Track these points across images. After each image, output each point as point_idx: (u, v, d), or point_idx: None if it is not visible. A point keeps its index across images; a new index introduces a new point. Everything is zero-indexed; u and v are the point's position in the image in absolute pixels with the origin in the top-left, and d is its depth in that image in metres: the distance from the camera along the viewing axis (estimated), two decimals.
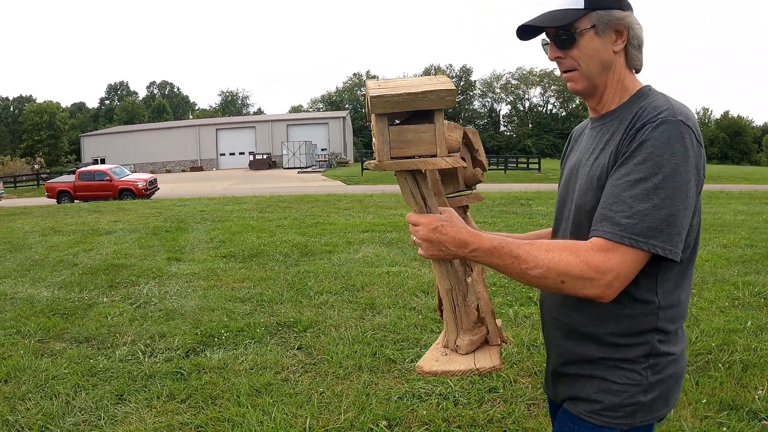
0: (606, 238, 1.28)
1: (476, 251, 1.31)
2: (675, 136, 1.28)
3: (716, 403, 3.57)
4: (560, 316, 1.51)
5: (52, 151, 68.78)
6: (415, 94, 1.23)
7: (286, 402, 3.69)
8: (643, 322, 1.39)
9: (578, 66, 1.43)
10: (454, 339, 1.50)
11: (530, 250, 1.29)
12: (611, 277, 1.26)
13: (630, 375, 1.40)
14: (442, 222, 1.32)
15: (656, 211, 1.25)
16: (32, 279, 7.30)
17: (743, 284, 6.41)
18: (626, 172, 1.30)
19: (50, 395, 3.80)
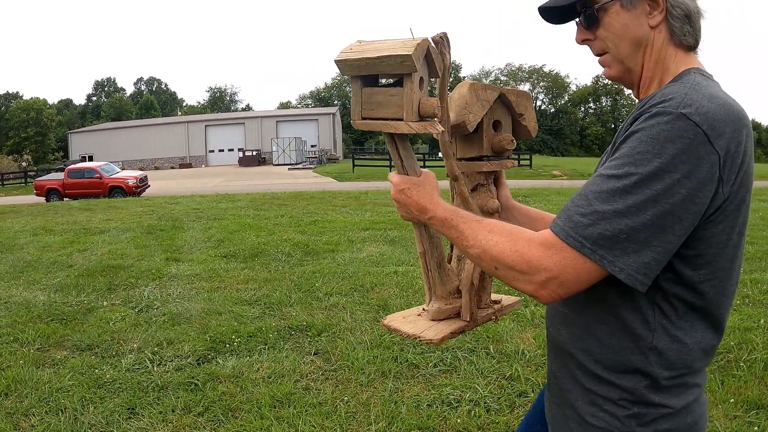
0: (554, 232, 1.09)
1: (432, 219, 1.27)
2: (668, 132, 1.03)
3: (743, 402, 3.55)
4: (551, 327, 1.36)
5: (39, 149, 67.79)
6: (375, 59, 1.22)
7: (310, 413, 3.47)
8: (628, 359, 1.16)
9: (608, 48, 1.25)
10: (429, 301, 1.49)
11: (475, 228, 1.19)
12: (544, 277, 1.08)
13: (609, 419, 1.19)
14: (409, 185, 1.29)
15: (616, 217, 1.03)
16: (26, 281, 7.01)
17: (751, 282, 6.42)
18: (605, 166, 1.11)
19: (56, 410, 3.53)
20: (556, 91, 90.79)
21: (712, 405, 3.52)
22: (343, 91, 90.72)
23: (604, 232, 1.03)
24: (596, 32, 1.25)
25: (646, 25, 1.20)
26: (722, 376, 3.94)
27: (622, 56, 1.23)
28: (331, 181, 29.67)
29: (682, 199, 1.02)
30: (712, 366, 4.09)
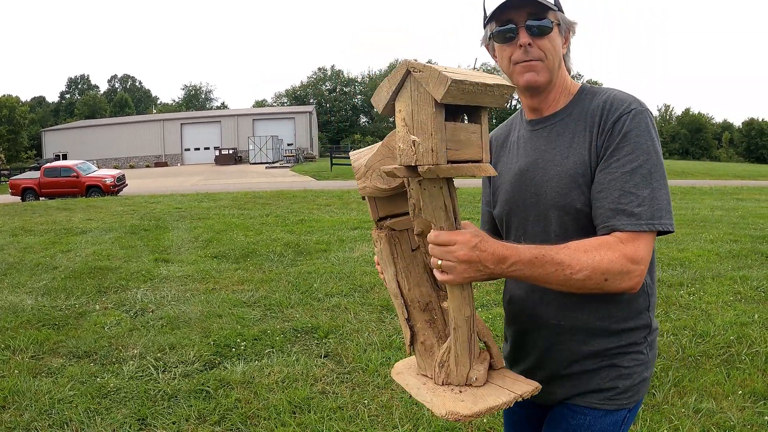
0: (628, 230, 1.29)
1: (516, 264, 1.20)
2: (649, 124, 1.34)
3: (750, 394, 3.65)
4: (561, 320, 1.47)
5: (12, 147, 65.99)
6: (487, 86, 1.08)
7: (332, 417, 3.33)
8: (641, 303, 1.45)
9: (544, 57, 1.41)
10: (466, 372, 1.28)
11: (570, 254, 1.24)
12: (643, 266, 1.28)
13: (636, 356, 1.46)
14: (480, 238, 1.17)
15: (657, 192, 1.30)
16: (10, 285, 6.71)
17: (740, 279, 6.59)
18: (620, 164, 1.32)
19: (60, 423, 3.31)
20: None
21: (722, 397, 3.62)
22: (318, 90, 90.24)
23: (659, 206, 1.30)
24: (540, 42, 1.39)
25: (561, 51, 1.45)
26: (727, 369, 4.04)
27: (553, 68, 1.42)
28: (310, 180, 29.41)
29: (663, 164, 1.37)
30: (716, 360, 4.20)
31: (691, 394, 3.64)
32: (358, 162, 1.35)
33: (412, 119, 1.10)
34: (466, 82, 1.04)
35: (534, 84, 1.42)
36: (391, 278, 1.38)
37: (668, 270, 7.02)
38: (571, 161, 1.40)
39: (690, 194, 18.06)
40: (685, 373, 3.95)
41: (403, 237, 1.37)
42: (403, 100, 1.12)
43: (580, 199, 1.39)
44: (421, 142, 1.09)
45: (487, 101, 1.11)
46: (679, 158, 78.53)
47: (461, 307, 1.24)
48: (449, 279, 1.19)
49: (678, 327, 4.86)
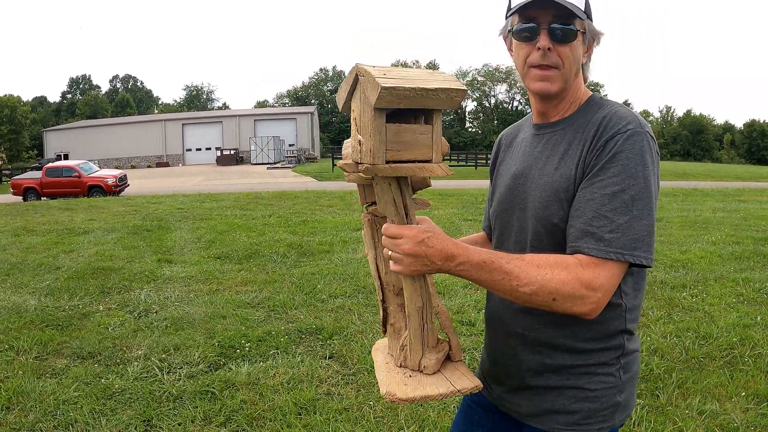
0: (592, 255, 1.23)
1: (463, 265, 1.21)
2: (645, 147, 1.26)
3: (753, 396, 3.66)
4: (528, 331, 1.44)
5: (13, 147, 65.97)
6: (428, 90, 1.10)
7: (338, 419, 3.34)
8: (613, 325, 1.38)
9: (561, 65, 1.35)
10: (419, 359, 1.35)
11: (521, 266, 1.21)
12: (601, 294, 1.22)
13: (605, 378, 1.39)
14: (428, 233, 1.21)
15: (636, 222, 1.23)
16: (13, 285, 6.72)
17: (743, 281, 6.59)
18: (602, 185, 1.26)
19: (65, 424, 3.32)
20: None
21: (725, 399, 3.64)
22: (320, 90, 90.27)
23: (634, 236, 1.22)
24: (561, 48, 1.33)
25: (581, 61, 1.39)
26: (730, 371, 4.05)
27: (568, 77, 1.37)
28: (312, 181, 29.43)
29: (656, 193, 1.30)
30: (720, 362, 4.21)
31: (695, 396, 3.65)
32: (346, 151, 1.37)
33: (360, 120, 1.17)
34: (399, 88, 1.07)
35: (546, 93, 1.39)
36: (372, 260, 1.44)
37: (671, 272, 7.02)
38: (559, 174, 1.36)
39: (692, 196, 18.07)
40: (688, 375, 3.95)
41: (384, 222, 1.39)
42: (356, 101, 1.19)
43: (558, 213, 1.34)
44: (364, 142, 1.15)
45: (433, 104, 1.13)
46: (680, 159, 78.54)
47: (413, 297, 1.30)
48: (398, 270, 1.24)
49: (681, 329, 4.86)
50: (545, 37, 1.33)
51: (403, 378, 1.33)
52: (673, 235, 9.91)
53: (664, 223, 11.50)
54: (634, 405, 1.49)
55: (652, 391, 3.73)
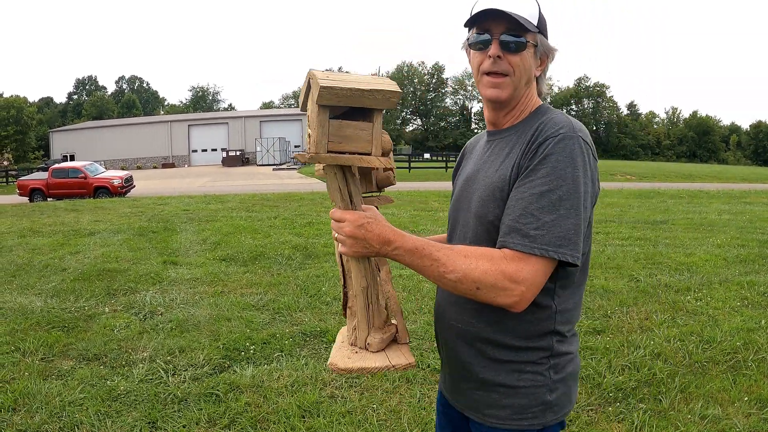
0: (517, 250, 1.31)
1: (398, 249, 1.33)
2: (575, 150, 1.34)
3: (756, 400, 3.65)
4: (460, 324, 1.53)
5: (20, 147, 66.16)
6: (363, 91, 1.26)
7: (342, 422, 3.36)
8: (542, 326, 1.44)
9: (512, 73, 1.45)
10: (365, 337, 1.49)
11: (449, 254, 1.31)
12: (524, 287, 1.29)
13: (534, 377, 1.45)
14: (368, 219, 1.34)
15: (562, 221, 1.30)
16: (19, 286, 6.76)
17: (748, 284, 6.58)
18: (531, 185, 1.33)
19: (70, 425, 3.34)
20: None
21: (728, 403, 3.63)
22: None
23: (558, 234, 1.30)
24: (511, 57, 1.44)
25: (534, 73, 1.51)
26: (733, 375, 4.05)
27: (519, 85, 1.47)
28: (317, 182, 29.43)
29: (588, 195, 1.37)
30: (723, 366, 4.21)
31: (698, 401, 3.65)
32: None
33: (310, 116, 1.33)
34: (336, 88, 1.23)
35: (496, 99, 1.48)
36: (336, 247, 1.56)
37: (675, 275, 7.01)
38: (497, 175, 1.45)
39: (697, 198, 18.03)
40: (691, 379, 3.95)
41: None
42: (309, 100, 1.35)
43: (494, 212, 1.43)
44: (311, 134, 1.32)
45: (371, 103, 1.28)
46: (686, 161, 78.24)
47: (358, 277, 1.45)
48: (344, 251, 1.38)
49: (685, 333, 4.86)
50: (496, 46, 1.44)
51: (349, 353, 1.48)
52: (678, 237, 9.90)
53: (669, 225, 11.49)
54: (572, 406, 1.52)
55: (655, 396, 3.73)
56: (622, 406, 3.59)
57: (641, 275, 6.97)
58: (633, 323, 5.15)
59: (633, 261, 7.83)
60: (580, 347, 4.49)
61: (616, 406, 3.59)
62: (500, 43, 1.43)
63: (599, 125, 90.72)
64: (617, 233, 10.30)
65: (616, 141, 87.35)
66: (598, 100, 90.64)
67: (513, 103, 1.51)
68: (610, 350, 4.44)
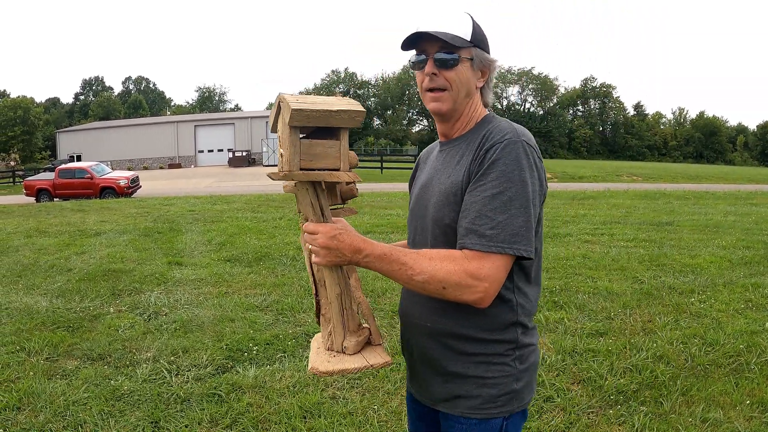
0: (476, 249, 1.41)
1: (368, 257, 1.42)
2: (521, 154, 1.45)
3: (758, 404, 3.64)
4: (428, 322, 1.61)
5: (27, 148, 66.41)
6: (331, 112, 1.35)
7: (343, 423, 3.38)
8: (505, 318, 1.54)
9: (449, 87, 1.55)
10: (341, 341, 1.57)
11: (416, 258, 1.41)
12: (487, 283, 1.40)
13: (502, 367, 1.56)
14: (339, 230, 1.43)
15: (514, 219, 1.41)
16: (25, 286, 6.81)
17: (752, 286, 6.55)
18: (483, 188, 1.44)
19: (74, 424, 3.38)
20: (544, 93, 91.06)
21: (730, 407, 3.63)
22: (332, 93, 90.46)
23: (512, 231, 1.41)
24: (446, 73, 1.54)
25: (475, 85, 1.60)
26: (736, 378, 4.03)
27: (458, 98, 1.57)
28: None
29: (537, 193, 1.48)
30: (725, 369, 4.21)
31: (699, 404, 3.64)
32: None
33: (281, 137, 1.43)
34: (306, 110, 1.33)
35: (438, 111, 1.60)
36: (306, 258, 1.65)
37: (680, 277, 7.00)
38: (450, 181, 1.55)
39: (703, 199, 17.95)
40: (693, 382, 3.95)
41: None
42: (280, 121, 1.45)
43: (449, 215, 1.53)
44: (284, 153, 1.41)
45: (337, 123, 1.38)
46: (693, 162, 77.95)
47: (332, 285, 1.53)
48: (318, 261, 1.46)
49: (688, 335, 4.85)
50: (431, 64, 1.55)
51: (328, 357, 1.56)
52: (683, 239, 9.87)
53: (674, 226, 11.46)
54: (533, 393, 1.64)
55: (656, 399, 3.73)
56: (623, 409, 3.59)
57: (645, 277, 6.96)
58: (636, 325, 5.15)
59: (637, 263, 7.81)
60: (582, 349, 4.52)
61: (616, 409, 3.59)
62: (435, 61, 1.55)
63: (606, 126, 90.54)
64: (622, 234, 10.28)
65: (623, 142, 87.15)
66: (605, 101, 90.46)
67: (456, 114, 1.62)
68: (612, 352, 4.45)
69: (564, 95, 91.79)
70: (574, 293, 6.18)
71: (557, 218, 12.60)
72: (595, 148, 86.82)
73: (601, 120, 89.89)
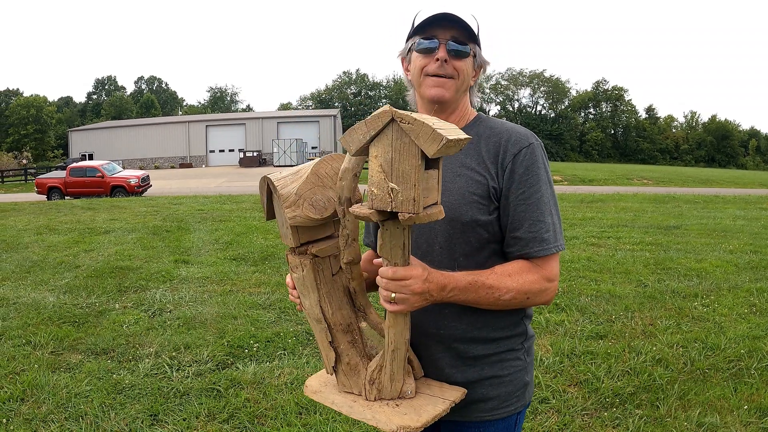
0: (543, 255, 1.48)
1: (453, 290, 1.38)
2: (544, 156, 1.54)
3: (756, 409, 3.62)
4: (442, 330, 1.56)
5: (39, 146, 67.25)
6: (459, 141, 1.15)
7: (337, 419, 3.42)
8: (517, 312, 1.58)
9: (457, 76, 1.55)
10: (400, 387, 1.40)
11: (499, 279, 1.43)
12: (556, 281, 1.51)
13: (514, 363, 1.59)
14: (428, 271, 1.33)
15: (555, 218, 1.52)
16: (33, 282, 6.92)
17: (757, 291, 6.51)
18: (525, 195, 1.49)
19: (75, 416, 3.45)
20: (556, 96, 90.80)
21: (727, 411, 3.62)
22: (344, 93, 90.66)
23: (559, 231, 1.52)
24: (456, 62, 1.54)
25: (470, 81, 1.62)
26: (734, 383, 4.02)
27: (461, 89, 1.58)
28: None
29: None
30: (725, 373, 4.20)
31: (696, 408, 3.64)
32: (287, 189, 1.37)
33: (391, 167, 1.15)
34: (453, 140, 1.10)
35: (440, 98, 1.54)
36: (314, 304, 1.43)
37: (684, 281, 6.97)
38: (464, 180, 1.52)
39: (713, 203, 17.82)
40: (691, 386, 3.95)
41: (324, 262, 1.42)
42: (381, 146, 1.16)
43: (468, 213, 1.50)
44: (400, 190, 1.14)
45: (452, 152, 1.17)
46: (704, 166, 77.41)
47: (403, 331, 1.34)
48: (401, 309, 1.30)
49: (688, 339, 4.84)
50: (443, 50, 1.53)
51: (394, 409, 1.36)
52: (690, 243, 9.82)
53: (682, 230, 11.39)
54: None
55: (653, 402, 3.73)
56: (618, 412, 3.60)
57: (649, 280, 6.95)
58: (636, 328, 5.15)
59: (642, 266, 7.79)
60: (581, 351, 4.53)
61: (612, 411, 3.60)
62: (448, 50, 1.53)
63: (617, 129, 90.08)
64: (629, 238, 10.25)
65: (634, 145, 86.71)
66: (617, 104, 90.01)
67: (453, 106, 1.60)
68: (611, 355, 4.46)
69: (575, 98, 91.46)
70: (576, 296, 6.19)
71: (565, 221, 12.58)
72: (606, 151, 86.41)
73: (613, 123, 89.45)
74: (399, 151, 1.14)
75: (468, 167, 1.53)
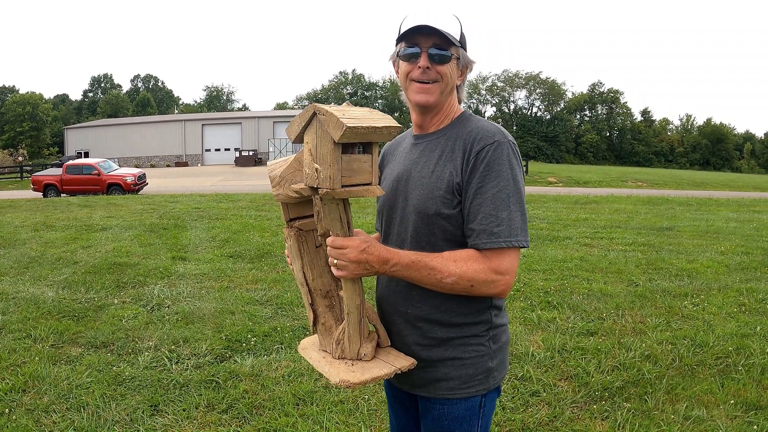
0: (490, 248, 1.54)
1: (396, 266, 1.51)
2: (510, 154, 1.58)
3: (742, 404, 3.73)
4: (408, 309, 1.69)
5: (34, 143, 67.04)
6: (376, 128, 1.37)
7: (333, 410, 3.51)
8: (482, 301, 1.65)
9: (440, 79, 1.65)
10: (357, 349, 1.59)
11: (442, 262, 1.52)
12: (509, 276, 1.54)
13: (477, 348, 1.66)
14: (368, 243, 1.48)
15: (514, 215, 1.54)
16: (32, 277, 6.97)
17: (747, 291, 6.62)
18: (483, 190, 1.55)
19: (77, 406, 3.53)
20: (552, 98, 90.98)
21: (714, 406, 3.72)
22: (340, 93, 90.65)
23: (515, 226, 1.54)
24: (439, 68, 1.64)
25: (456, 82, 1.70)
26: (722, 379, 4.11)
27: (444, 92, 1.67)
28: None
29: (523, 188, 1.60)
30: (712, 369, 4.29)
31: (683, 402, 3.74)
32: (274, 173, 1.62)
33: (316, 150, 1.40)
34: (359, 127, 1.32)
35: (426, 104, 1.67)
36: (299, 270, 1.67)
37: (675, 281, 7.08)
38: (435, 176, 1.64)
39: (706, 205, 17.96)
40: (679, 381, 4.04)
41: (309, 235, 1.67)
42: (310, 134, 1.42)
43: (432, 207, 1.62)
44: (322, 170, 1.39)
45: (376, 138, 1.40)
46: (699, 169, 77.67)
47: (353, 296, 1.55)
48: (343, 275, 1.51)
49: (677, 336, 4.94)
50: (425, 58, 1.64)
51: (348, 367, 1.57)
52: (682, 244, 9.93)
53: (674, 232, 11.51)
54: (507, 370, 1.78)
55: (641, 396, 3.83)
56: (606, 405, 3.70)
57: (640, 280, 7.05)
58: (627, 326, 5.25)
59: (634, 266, 7.90)
60: (572, 347, 4.62)
61: (600, 405, 3.70)
62: (429, 56, 1.63)
63: (612, 131, 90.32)
64: (621, 239, 10.36)
65: (630, 147, 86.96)
66: (612, 106, 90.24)
67: (437, 108, 1.71)
68: (601, 351, 4.55)
69: (571, 100, 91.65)
70: (568, 294, 6.29)
71: (558, 222, 12.69)
72: (601, 153, 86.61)
73: (608, 125, 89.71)
74: (321, 137, 1.38)
75: (442, 164, 1.64)
